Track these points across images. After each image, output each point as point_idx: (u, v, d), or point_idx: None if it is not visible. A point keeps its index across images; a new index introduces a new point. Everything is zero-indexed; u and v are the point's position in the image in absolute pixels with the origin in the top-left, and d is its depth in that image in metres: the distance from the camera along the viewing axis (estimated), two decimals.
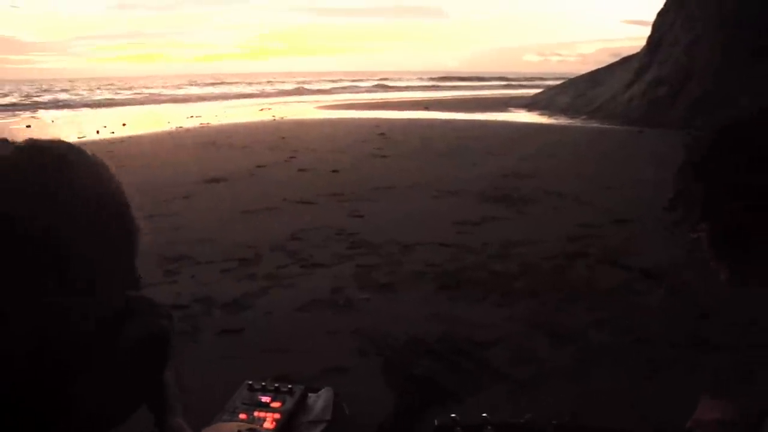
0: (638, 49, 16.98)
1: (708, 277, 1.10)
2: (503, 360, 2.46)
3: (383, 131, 11.72)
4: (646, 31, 16.65)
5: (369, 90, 41.61)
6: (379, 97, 30.47)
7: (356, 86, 48.68)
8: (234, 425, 1.23)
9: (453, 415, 1.65)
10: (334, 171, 7.37)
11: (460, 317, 2.91)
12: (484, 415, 1.65)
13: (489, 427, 1.62)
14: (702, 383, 2.22)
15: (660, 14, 16.13)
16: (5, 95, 36.78)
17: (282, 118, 16.84)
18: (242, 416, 1.81)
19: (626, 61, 17.69)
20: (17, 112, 22.62)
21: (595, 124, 13.95)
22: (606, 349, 2.56)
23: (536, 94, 22.55)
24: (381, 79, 64.98)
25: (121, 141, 10.96)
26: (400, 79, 65.41)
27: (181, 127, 13.77)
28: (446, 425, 1.63)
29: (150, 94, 38.26)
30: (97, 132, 13.12)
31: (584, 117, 15.48)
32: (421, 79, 64.36)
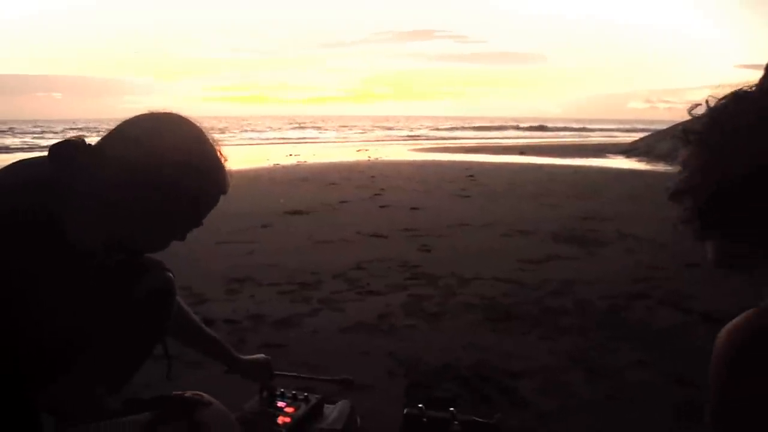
0: None
1: None
2: (531, 390, 2.43)
3: (472, 173, 11.77)
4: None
5: (466, 135, 41.81)
6: (474, 142, 30.56)
7: (454, 130, 49.08)
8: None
9: (420, 405, 1.67)
10: (413, 208, 7.49)
11: (498, 348, 2.89)
12: (451, 409, 1.66)
13: (455, 423, 1.63)
14: None
15: None
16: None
17: (377, 158, 17.23)
18: None
19: None
20: None
21: None
22: (643, 388, 2.46)
23: (636, 141, 21.90)
24: (479, 124, 65.10)
25: None
26: (498, 124, 65.33)
27: (278, 164, 14.42)
28: (414, 414, 1.66)
29: (254, 133, 40.23)
30: None
31: None
32: (520, 125, 63.96)
